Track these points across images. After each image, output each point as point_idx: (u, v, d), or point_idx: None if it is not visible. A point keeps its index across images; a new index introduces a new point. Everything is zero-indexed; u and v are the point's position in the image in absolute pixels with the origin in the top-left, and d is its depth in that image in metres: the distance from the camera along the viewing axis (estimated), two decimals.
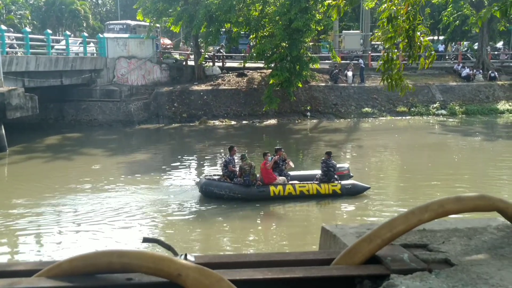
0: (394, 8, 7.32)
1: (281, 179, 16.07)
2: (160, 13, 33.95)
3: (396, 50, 7.60)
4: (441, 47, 45.76)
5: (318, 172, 16.51)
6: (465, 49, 44.70)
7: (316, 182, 16.10)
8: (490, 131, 30.16)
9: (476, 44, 42.01)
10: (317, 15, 31.67)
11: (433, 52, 7.53)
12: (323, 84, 34.91)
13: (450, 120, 32.74)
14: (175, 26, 34.78)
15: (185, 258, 1.63)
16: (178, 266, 1.44)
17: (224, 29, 35.79)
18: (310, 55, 32.54)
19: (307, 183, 16.01)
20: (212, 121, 31.97)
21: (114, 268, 1.49)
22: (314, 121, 32.74)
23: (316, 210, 15.76)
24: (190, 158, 24.04)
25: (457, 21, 41.33)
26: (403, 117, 33.29)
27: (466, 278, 1.55)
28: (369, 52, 39.37)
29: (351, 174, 16.94)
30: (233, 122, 32.04)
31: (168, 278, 1.45)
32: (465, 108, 34.27)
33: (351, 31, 45.36)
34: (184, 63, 37.02)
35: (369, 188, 16.35)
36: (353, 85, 34.72)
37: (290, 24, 30.44)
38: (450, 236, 1.92)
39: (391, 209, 14.93)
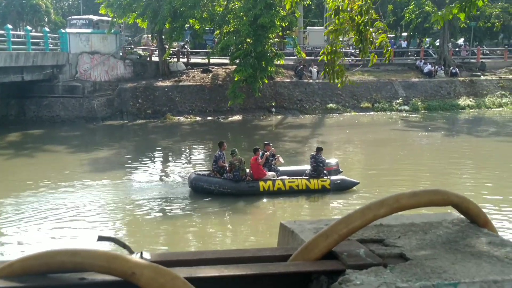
0: (342, 3, 7.39)
1: (270, 174, 16.19)
2: (123, 8, 33.55)
3: (340, 43, 7.67)
4: (403, 44, 46.37)
5: (307, 167, 16.64)
6: (427, 45, 45.35)
7: (305, 177, 16.22)
8: (451, 126, 30.74)
9: (438, 40, 42.69)
10: (282, 11, 31.74)
11: (389, 49, 7.62)
12: (288, 80, 35.05)
13: (412, 115, 33.24)
14: (140, 21, 34.43)
15: (141, 256, 1.61)
16: (132, 264, 1.41)
17: (188, 25, 35.57)
18: (274, 51, 32.61)
19: (297, 179, 16.13)
20: (177, 117, 31.79)
21: (66, 268, 1.46)
22: (279, 117, 32.85)
23: (304, 205, 15.82)
24: (155, 154, 23.87)
25: (419, 18, 41.92)
26: (367, 113, 33.65)
27: (420, 272, 1.56)
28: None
29: (340, 170, 17.09)
30: (198, 118, 31.92)
31: (122, 276, 1.42)
32: (427, 104, 34.83)
33: (315, 27, 45.57)
34: (148, 59, 36.69)
35: (358, 183, 16.48)
36: (317, 81, 34.93)
37: (255, 20, 30.43)
38: (406, 231, 1.94)
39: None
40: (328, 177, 16.23)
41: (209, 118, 32.04)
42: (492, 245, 1.77)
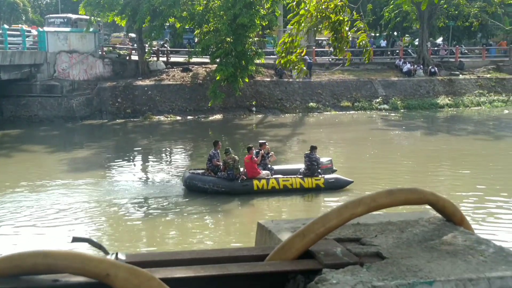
0: None
1: (264, 173, 16.25)
2: (102, 7, 33.29)
3: (301, 35, 7.71)
4: (383, 43, 46.68)
5: (302, 166, 16.67)
6: (407, 44, 45.69)
7: (299, 176, 16.26)
8: (430, 125, 31.00)
9: (417, 40, 43.03)
10: (262, 10, 31.76)
11: (369, 48, 7.67)
12: (268, 79, 35.07)
13: (392, 114, 33.45)
14: (119, 19, 34.22)
15: (116, 257, 1.59)
16: (106, 265, 1.39)
17: (168, 24, 35.42)
18: (255, 50, 32.60)
19: (291, 177, 16.17)
20: (157, 117, 31.64)
21: (39, 270, 1.43)
22: (260, 116, 32.86)
23: (297, 204, 15.86)
24: (136, 154, 23.77)
25: (398, 18, 42.19)
26: (347, 112, 33.80)
27: (396, 271, 1.57)
28: (313, 48, 39.72)
29: (334, 168, 17.13)
30: (178, 118, 31.81)
31: (96, 278, 1.40)
32: (406, 102, 35.08)
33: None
34: (127, 57, 36.45)
35: (352, 182, 16.47)
36: (298, 80, 34.98)
37: (234, 19, 30.40)
38: (383, 230, 1.95)
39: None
40: (322, 175, 16.28)
41: (189, 117, 31.94)
42: (467, 243, 1.78)
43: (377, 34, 52.05)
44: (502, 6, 41.24)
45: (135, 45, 37.13)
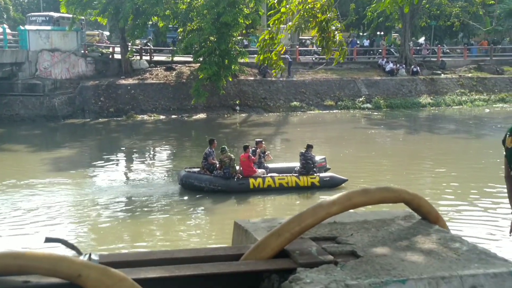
0: None
1: (260, 171, 16.32)
2: (84, 5, 33.04)
3: (282, 33, 7.73)
4: (366, 43, 46.83)
5: (296, 164, 16.79)
6: (390, 44, 45.89)
7: (295, 174, 16.37)
8: (412, 124, 31.21)
9: (395, 37, 43.22)
10: (245, 9, 31.76)
11: (344, 48, 7.70)
12: (252, 78, 35.06)
13: (375, 113, 33.61)
14: (102, 18, 34.00)
15: (89, 258, 1.58)
16: (78, 266, 1.38)
17: (151, 22, 35.27)
18: (238, 49, 32.59)
19: (286, 176, 16.30)
20: (140, 116, 31.49)
21: (10, 271, 1.42)
22: (243, 115, 32.85)
23: (293, 202, 15.96)
24: (119, 153, 23.65)
25: (381, 18, 42.35)
26: (331, 111, 33.89)
27: (369, 270, 1.58)
28: (297, 47, 39.79)
29: (328, 167, 17.24)
30: (161, 117, 31.68)
31: (68, 279, 1.39)
32: (389, 102, 35.26)
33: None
34: (110, 56, 36.22)
35: (346, 180, 16.55)
36: (281, 79, 35.02)
37: (218, 18, 30.36)
38: (359, 228, 1.96)
39: None
40: (318, 174, 16.41)
41: (173, 116, 31.83)
42: (442, 241, 1.79)
43: (360, 33, 52.21)
44: (483, 6, 41.65)
45: (109, 42, 36.88)
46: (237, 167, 16.21)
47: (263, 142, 17.46)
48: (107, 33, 45.34)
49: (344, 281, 1.49)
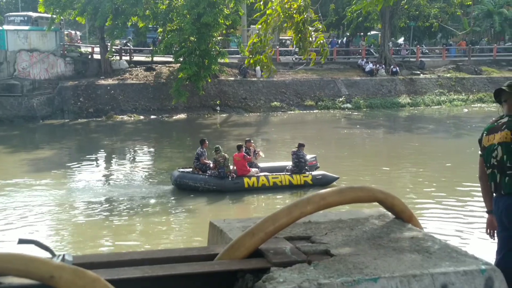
0: None
1: (253, 170, 16.46)
2: (63, 5, 32.75)
3: (269, 34, 7.75)
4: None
5: (287, 163, 17.04)
6: (368, 44, 46.15)
7: (288, 173, 16.54)
8: (392, 124, 31.41)
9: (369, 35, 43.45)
10: (225, 9, 31.75)
11: (326, 49, 7.72)
12: (232, 79, 35.04)
13: (355, 113, 33.78)
14: (81, 18, 33.73)
15: (63, 259, 1.57)
16: (50, 267, 1.38)
17: (131, 22, 35.08)
18: (218, 49, 32.56)
19: (280, 174, 16.50)
20: (120, 116, 31.31)
21: None
22: (224, 115, 32.82)
23: (286, 200, 15.90)
24: (99, 154, 23.49)
25: (360, 18, 42.57)
26: (311, 111, 33.99)
27: (342, 268, 1.60)
28: (277, 47, 39.83)
29: (318, 165, 17.42)
30: (141, 117, 31.53)
31: (40, 280, 1.39)
32: (369, 102, 35.46)
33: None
34: (89, 56, 35.95)
35: (338, 178, 16.79)
36: (261, 79, 35.04)
37: (198, 18, 30.31)
38: (333, 228, 1.97)
39: None
40: (310, 172, 16.62)
41: (153, 116, 31.69)
42: (414, 239, 1.82)
43: (340, 33, 52.45)
44: (461, 7, 42.07)
45: (81, 41, 36.55)
46: (231, 167, 16.37)
47: (252, 141, 17.65)
48: (79, 32, 45.04)
49: (316, 280, 1.51)
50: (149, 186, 17.27)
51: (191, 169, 16.60)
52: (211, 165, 16.33)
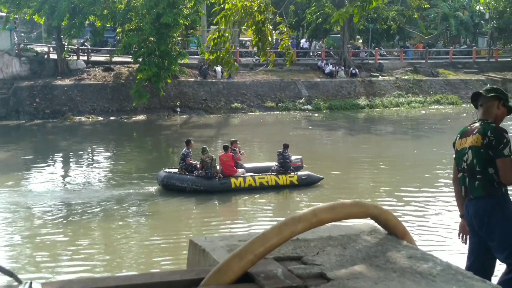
0: None
1: (240, 171, 16.58)
2: (19, 3, 31.93)
3: (229, 30, 7.66)
4: (305, 45, 47.26)
5: (271, 164, 17.27)
6: (328, 46, 46.45)
7: (273, 173, 16.69)
8: (351, 125, 31.68)
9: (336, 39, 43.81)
10: (185, 10, 31.51)
11: (291, 51, 7.67)
12: (193, 80, 34.77)
13: (315, 115, 33.93)
14: (37, 17, 32.94)
15: (30, 287, 1.41)
16: None
17: (88, 22, 34.46)
18: (178, 50, 32.28)
19: (266, 175, 16.66)
20: (77, 117, 30.68)
21: None
22: (184, 116, 32.53)
23: (277, 200, 16.34)
24: (56, 156, 22.96)
25: (319, 19, 42.87)
26: (272, 112, 33.99)
27: None
28: (237, 48, 39.74)
29: (303, 165, 17.57)
30: (100, 118, 30.97)
31: None
32: (329, 103, 35.65)
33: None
34: (45, 56, 35.15)
35: (323, 178, 17.01)
36: (222, 80, 34.89)
37: (157, 18, 29.98)
38: (324, 246, 1.85)
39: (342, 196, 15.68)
40: (295, 173, 16.80)
41: (112, 118, 31.17)
42: (413, 259, 1.71)
43: (300, 35, 52.68)
44: (418, 10, 42.80)
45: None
46: (218, 167, 16.47)
47: (238, 142, 17.80)
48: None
49: None
50: (106, 190, 16.83)
51: (176, 170, 16.60)
52: (198, 166, 16.42)
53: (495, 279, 4.64)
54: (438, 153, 21.38)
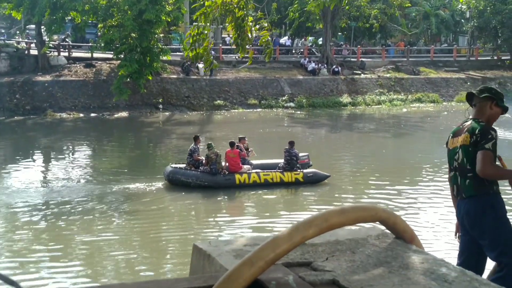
0: None
1: (246, 167, 16.58)
2: None
3: (208, 27, 7.61)
4: (288, 42, 47.26)
5: (280, 161, 17.14)
6: (310, 44, 46.49)
7: (279, 170, 16.64)
8: (334, 123, 31.77)
9: (321, 39, 43.90)
10: (167, 6, 31.32)
11: (270, 47, 7.64)
12: (175, 76, 34.58)
13: (298, 112, 33.95)
14: (16, 12, 32.50)
15: None
16: None
17: (69, 17, 34.07)
18: (160, 46, 32.07)
19: (271, 172, 16.62)
20: (58, 114, 30.33)
21: None
22: (167, 113, 32.35)
23: (278, 198, 16.26)
24: (36, 153, 22.71)
25: (302, 17, 42.88)
26: (254, 110, 33.93)
27: None
28: (220, 45, 39.60)
29: (310, 163, 17.49)
30: (81, 115, 30.65)
31: None
32: (311, 101, 35.68)
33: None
34: (26, 52, 34.70)
35: (329, 176, 16.94)
36: (204, 77, 34.75)
37: (140, 15, 29.75)
38: (333, 251, 1.80)
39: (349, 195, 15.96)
40: (301, 170, 16.74)
41: (93, 114, 30.87)
42: (426, 265, 1.67)
43: (282, 32, 52.69)
44: (400, 8, 43.01)
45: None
46: (223, 163, 16.51)
47: (246, 138, 17.84)
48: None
49: None
50: (90, 186, 16.73)
51: (184, 165, 16.67)
52: (203, 161, 16.47)
53: (485, 277, 4.65)
54: (422, 155, 21.53)
